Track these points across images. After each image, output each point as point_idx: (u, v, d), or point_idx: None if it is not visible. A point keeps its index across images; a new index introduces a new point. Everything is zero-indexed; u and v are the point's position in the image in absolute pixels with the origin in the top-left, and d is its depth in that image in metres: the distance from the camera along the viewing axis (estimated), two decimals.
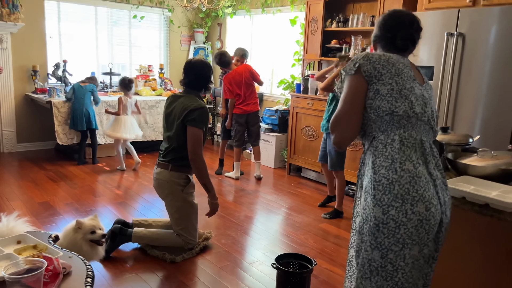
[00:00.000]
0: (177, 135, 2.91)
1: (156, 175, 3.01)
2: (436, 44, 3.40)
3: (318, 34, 4.95)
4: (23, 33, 5.51)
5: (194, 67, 2.98)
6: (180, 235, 3.00)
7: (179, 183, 2.96)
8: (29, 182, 4.43)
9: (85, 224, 2.36)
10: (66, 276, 1.31)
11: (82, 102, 5.04)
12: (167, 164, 2.95)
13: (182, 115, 2.86)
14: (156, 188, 3.05)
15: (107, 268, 2.79)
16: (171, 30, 6.95)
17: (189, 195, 3.01)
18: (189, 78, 2.99)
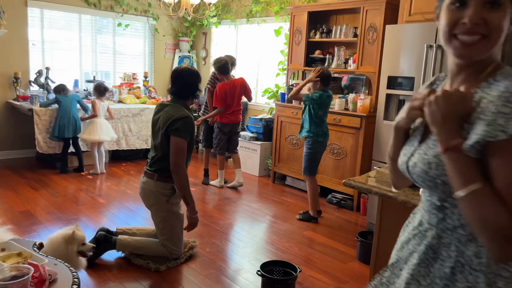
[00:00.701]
0: (161, 145, 2.91)
1: (142, 184, 3.00)
2: (416, 55, 3.50)
3: (302, 44, 5.03)
4: (5, 40, 5.45)
5: (181, 75, 2.97)
6: (165, 245, 2.99)
7: (165, 193, 2.95)
8: (9, 191, 4.35)
9: (78, 235, 2.36)
10: (52, 283, 1.31)
11: (69, 110, 5.04)
12: (153, 174, 2.94)
13: (166, 124, 2.85)
14: (141, 197, 3.04)
15: (91, 276, 2.76)
16: (155, 39, 6.96)
17: (174, 205, 3.01)
18: (176, 87, 2.98)
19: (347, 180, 1.94)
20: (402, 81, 3.65)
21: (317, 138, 3.87)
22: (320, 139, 3.88)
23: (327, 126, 3.96)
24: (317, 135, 3.87)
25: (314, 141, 3.88)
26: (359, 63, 4.42)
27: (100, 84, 5.27)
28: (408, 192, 1.76)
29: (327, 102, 3.87)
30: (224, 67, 4.76)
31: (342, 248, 3.43)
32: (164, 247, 2.99)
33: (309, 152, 3.92)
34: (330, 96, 3.94)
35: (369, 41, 4.30)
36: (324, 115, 3.90)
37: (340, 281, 2.89)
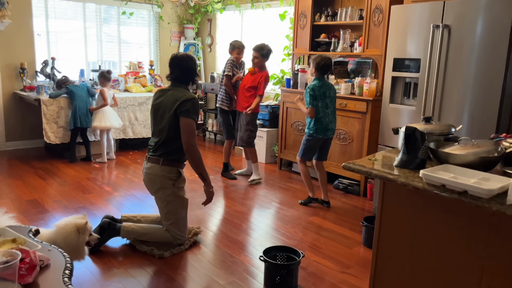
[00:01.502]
0: (169, 128, 2.90)
1: (146, 170, 2.99)
2: (422, 36, 3.41)
3: (307, 28, 4.95)
4: (10, 31, 5.46)
5: (181, 61, 2.98)
6: (169, 230, 3.00)
7: (170, 177, 2.95)
8: (17, 180, 4.40)
9: (88, 225, 2.35)
10: (44, 269, 1.31)
11: (85, 100, 5.15)
12: (158, 159, 2.94)
13: (174, 106, 2.85)
14: (146, 183, 3.04)
15: (95, 263, 2.79)
16: (160, 27, 6.91)
17: (179, 189, 3.01)
18: (176, 73, 2.99)
19: (346, 163, 1.90)
20: (408, 63, 3.57)
21: (317, 135, 3.83)
22: (320, 136, 3.83)
23: (331, 120, 3.85)
24: (317, 131, 3.82)
25: (313, 137, 3.86)
26: (365, 46, 4.33)
27: (103, 71, 5.34)
28: (409, 174, 1.72)
29: (324, 93, 3.78)
30: (270, 53, 4.64)
31: (348, 233, 3.40)
32: (169, 233, 3.00)
33: (306, 143, 3.92)
34: (328, 86, 3.84)
35: (375, 23, 4.20)
36: (325, 106, 3.80)
37: (345, 265, 2.87)
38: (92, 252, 2.86)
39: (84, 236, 2.31)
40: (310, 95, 3.76)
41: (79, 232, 2.28)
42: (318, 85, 3.76)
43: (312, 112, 3.77)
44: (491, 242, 1.58)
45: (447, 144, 1.87)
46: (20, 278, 1.20)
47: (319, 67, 3.76)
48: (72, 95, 5.10)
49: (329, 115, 3.84)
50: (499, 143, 1.81)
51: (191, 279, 2.64)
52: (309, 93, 3.77)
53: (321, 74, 3.80)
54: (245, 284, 2.60)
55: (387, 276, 1.99)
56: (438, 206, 1.72)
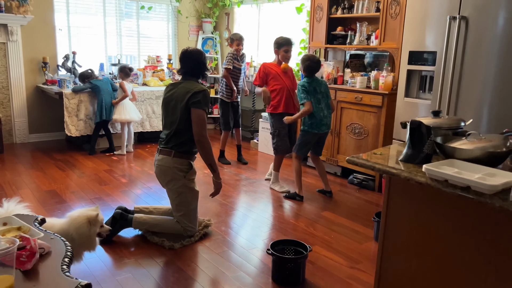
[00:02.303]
0: (180, 119, 2.94)
1: (158, 162, 3.04)
2: (439, 28, 3.32)
3: (323, 21, 4.89)
4: (33, 26, 5.61)
5: (191, 55, 3.04)
6: (180, 221, 3.04)
7: (182, 169, 2.99)
8: (38, 171, 4.54)
9: (99, 217, 2.40)
10: (45, 256, 1.35)
11: (109, 93, 5.30)
12: (169, 151, 2.98)
13: (186, 98, 2.90)
14: (158, 175, 3.09)
15: (107, 253, 2.85)
16: (179, 21, 6.96)
17: (190, 181, 3.05)
18: (187, 67, 3.05)
19: (350, 157, 1.88)
20: (424, 56, 3.49)
21: (312, 130, 3.84)
22: (315, 131, 3.84)
23: (326, 115, 3.85)
24: (311, 127, 3.83)
25: (306, 132, 3.87)
26: (381, 39, 4.26)
27: (125, 66, 5.42)
28: (412, 168, 1.69)
29: (314, 89, 3.80)
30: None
31: (360, 228, 3.37)
32: (179, 224, 3.04)
33: (301, 138, 3.94)
34: (319, 82, 3.86)
35: (392, 15, 4.12)
36: (318, 102, 3.81)
37: (354, 261, 2.85)
38: (104, 242, 2.94)
39: (95, 227, 2.37)
40: (303, 90, 3.78)
41: (91, 224, 2.33)
42: (308, 81, 3.80)
43: (309, 106, 3.77)
44: (498, 239, 1.54)
45: (455, 138, 1.83)
46: (19, 264, 1.24)
47: (305, 69, 3.82)
48: (97, 89, 5.21)
49: (323, 110, 3.84)
50: (509, 138, 1.75)
51: (199, 271, 2.67)
52: (301, 89, 3.79)
53: (309, 74, 3.82)
54: (253, 277, 2.61)
55: (393, 271, 1.97)
56: (443, 201, 1.69)
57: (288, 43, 4.23)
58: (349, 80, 4.54)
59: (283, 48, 4.21)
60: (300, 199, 3.97)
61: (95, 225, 2.35)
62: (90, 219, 2.32)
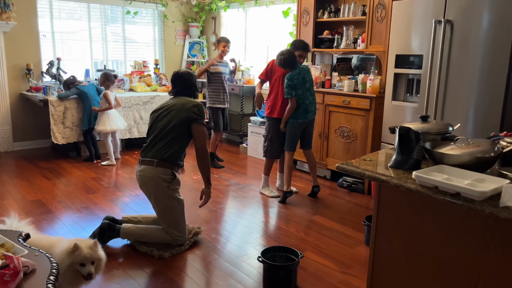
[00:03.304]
0: (173, 131, 2.96)
1: (140, 173, 3.00)
2: (424, 32, 3.35)
3: (310, 25, 4.90)
4: (16, 32, 5.51)
5: (182, 77, 3.14)
6: (168, 231, 3.00)
7: (165, 179, 2.95)
8: (23, 181, 4.45)
9: (80, 253, 1.99)
10: (30, 274, 1.31)
11: (96, 100, 5.21)
12: (151, 160, 2.95)
13: (183, 110, 2.97)
14: (141, 186, 3.05)
15: None
16: (165, 25, 6.92)
17: (174, 191, 3.01)
18: (179, 87, 3.14)
19: (340, 164, 1.87)
20: (410, 59, 3.51)
21: (297, 120, 3.89)
22: (300, 120, 3.89)
23: (311, 101, 3.92)
24: (297, 117, 3.88)
25: (292, 124, 3.91)
26: (368, 43, 4.28)
27: (109, 73, 5.28)
28: (402, 175, 1.68)
29: (303, 78, 3.84)
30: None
31: (350, 232, 3.37)
32: (168, 234, 3.00)
33: (288, 132, 3.97)
34: (305, 69, 3.89)
35: (378, 19, 4.14)
36: (303, 93, 3.85)
37: (345, 265, 2.84)
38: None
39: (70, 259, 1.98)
40: (289, 85, 3.79)
41: (69, 253, 1.99)
42: (296, 73, 3.80)
43: (293, 102, 3.82)
44: (487, 245, 1.54)
45: (443, 143, 1.83)
46: (3, 284, 1.20)
47: (283, 65, 3.82)
48: (84, 95, 5.13)
49: (309, 97, 3.89)
50: (496, 142, 1.76)
51: (190, 280, 2.63)
52: (287, 84, 3.80)
53: (289, 67, 3.82)
54: (244, 285, 2.59)
55: (384, 276, 1.96)
56: (433, 207, 1.69)
57: (305, 48, 4.00)
58: (337, 84, 4.55)
59: (297, 52, 3.93)
60: (290, 195, 4.00)
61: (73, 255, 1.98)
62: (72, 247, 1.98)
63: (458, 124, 2.08)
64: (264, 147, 4.19)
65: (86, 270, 2.00)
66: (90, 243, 2.06)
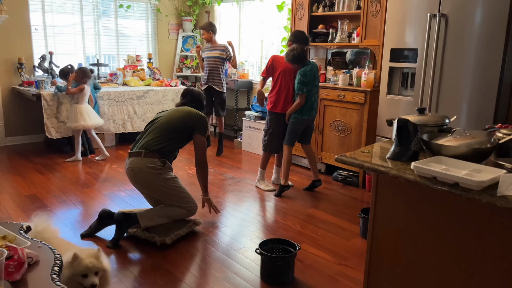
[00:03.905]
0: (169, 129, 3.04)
1: (128, 165, 3.04)
2: (419, 26, 3.38)
3: (304, 19, 4.91)
4: (7, 26, 5.44)
5: (192, 92, 3.36)
6: (179, 206, 3.07)
7: (155, 167, 2.98)
8: (16, 176, 4.41)
9: (80, 264, 1.82)
10: (34, 266, 1.31)
11: (93, 95, 5.15)
12: (139, 152, 3.00)
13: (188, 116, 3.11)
14: (131, 179, 3.07)
15: None
16: (158, 19, 6.88)
17: (167, 174, 3.05)
18: (187, 100, 3.32)
19: (339, 156, 1.89)
20: (405, 53, 3.54)
21: (302, 116, 3.90)
22: (305, 117, 3.91)
23: (316, 98, 3.94)
24: (302, 113, 3.90)
25: (297, 119, 3.92)
26: (362, 37, 4.30)
27: (86, 68, 5.01)
28: (401, 166, 1.71)
29: (314, 75, 3.85)
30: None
31: (346, 225, 3.40)
32: (181, 208, 3.08)
33: (291, 126, 3.96)
34: (316, 66, 3.90)
35: (373, 13, 4.16)
36: (311, 90, 3.86)
37: (342, 257, 2.88)
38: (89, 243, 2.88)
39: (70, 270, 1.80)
40: (302, 81, 3.78)
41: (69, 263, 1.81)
42: (309, 69, 3.80)
43: (303, 98, 3.82)
44: (484, 234, 1.57)
45: (440, 135, 1.86)
46: (8, 275, 1.20)
47: (295, 61, 3.78)
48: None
49: (315, 94, 3.91)
50: (493, 134, 1.79)
51: (188, 273, 2.65)
52: (300, 80, 3.79)
53: (302, 62, 3.81)
54: (242, 277, 2.61)
55: (381, 267, 1.99)
56: (431, 197, 1.71)
57: (305, 41, 3.96)
58: (332, 78, 4.57)
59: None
60: (287, 188, 4.02)
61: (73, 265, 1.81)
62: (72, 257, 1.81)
63: (454, 117, 2.11)
64: (264, 141, 4.18)
65: (89, 281, 1.81)
66: (92, 252, 1.89)
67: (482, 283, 1.58)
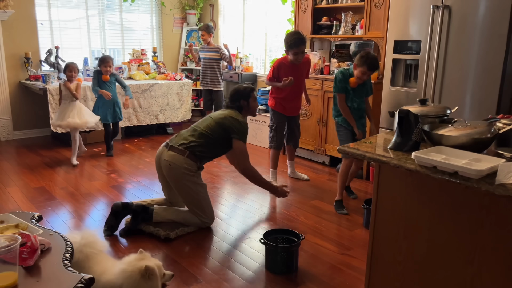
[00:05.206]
0: (210, 132, 3.10)
1: (167, 157, 3.05)
2: (423, 17, 3.38)
3: (308, 11, 4.91)
4: (14, 20, 5.49)
5: (231, 92, 3.30)
6: (195, 214, 3.11)
7: (191, 169, 3.04)
8: (25, 169, 4.49)
9: (157, 269, 1.91)
10: (46, 252, 1.36)
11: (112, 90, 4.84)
12: (183, 150, 3.04)
13: (225, 118, 3.12)
14: (164, 170, 3.08)
15: None
16: (163, 13, 6.90)
17: (199, 179, 3.11)
18: (230, 100, 3.30)
19: (341, 146, 1.92)
20: (408, 45, 3.54)
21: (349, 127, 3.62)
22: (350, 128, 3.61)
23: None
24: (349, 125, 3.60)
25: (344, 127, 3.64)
26: (366, 29, 4.30)
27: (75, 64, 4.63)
28: (402, 156, 1.74)
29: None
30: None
31: (349, 216, 3.44)
32: (196, 217, 3.11)
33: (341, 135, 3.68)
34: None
35: (376, 5, 4.16)
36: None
37: (345, 247, 2.92)
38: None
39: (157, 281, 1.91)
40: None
41: (147, 278, 1.88)
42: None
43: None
44: (483, 223, 1.60)
45: (441, 126, 1.89)
46: (21, 261, 1.26)
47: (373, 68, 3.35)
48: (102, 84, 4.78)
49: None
50: (493, 124, 1.82)
51: (194, 263, 2.70)
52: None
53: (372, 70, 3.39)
54: (247, 267, 2.66)
55: (384, 257, 2.03)
56: (431, 187, 1.75)
57: (296, 44, 3.72)
58: (335, 70, 4.58)
59: (292, 50, 3.76)
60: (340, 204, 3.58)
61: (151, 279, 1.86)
62: (143, 272, 1.83)
63: (455, 107, 2.13)
64: (270, 137, 4.15)
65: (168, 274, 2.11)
66: (137, 255, 1.99)
67: (481, 270, 1.62)
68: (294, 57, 3.79)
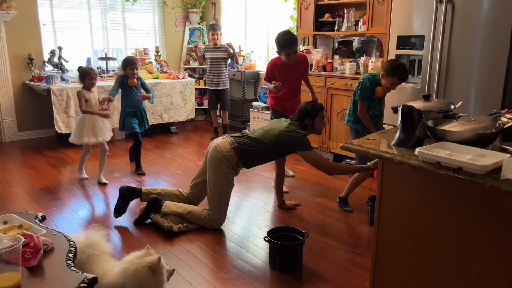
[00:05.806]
0: (267, 139, 3.08)
1: (218, 142, 3.09)
2: (426, 12, 3.35)
3: (310, 8, 4.89)
4: (17, 22, 5.51)
5: (299, 109, 3.23)
6: (209, 210, 3.10)
7: (230, 160, 3.03)
8: (30, 169, 4.51)
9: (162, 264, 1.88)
10: (49, 252, 1.36)
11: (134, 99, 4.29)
12: (234, 142, 3.05)
13: (282, 136, 3.06)
14: (210, 151, 3.11)
15: None
16: (165, 12, 6.90)
17: (231, 174, 3.09)
18: (295, 117, 3.22)
19: (344, 143, 1.91)
20: (411, 40, 3.52)
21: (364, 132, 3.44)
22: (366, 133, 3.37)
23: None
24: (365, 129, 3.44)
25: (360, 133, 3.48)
26: (369, 25, 4.28)
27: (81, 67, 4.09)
28: (405, 152, 1.72)
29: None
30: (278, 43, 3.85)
31: (354, 213, 3.43)
32: (206, 215, 3.10)
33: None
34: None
35: (379, 1, 4.13)
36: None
37: (350, 244, 2.91)
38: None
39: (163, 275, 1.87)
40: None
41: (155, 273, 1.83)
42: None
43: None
44: (489, 218, 1.59)
45: (445, 121, 1.87)
46: (25, 261, 1.26)
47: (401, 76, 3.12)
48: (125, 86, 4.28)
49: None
50: (498, 119, 1.80)
51: (198, 261, 2.70)
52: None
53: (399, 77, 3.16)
54: (251, 264, 2.65)
55: (388, 253, 2.02)
56: (436, 183, 1.73)
57: (288, 45, 3.62)
58: (338, 67, 4.57)
59: (284, 51, 3.66)
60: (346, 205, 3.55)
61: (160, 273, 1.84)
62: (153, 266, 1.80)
63: (460, 102, 2.11)
64: None
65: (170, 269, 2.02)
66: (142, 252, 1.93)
67: (487, 266, 1.60)
68: (286, 58, 3.68)
